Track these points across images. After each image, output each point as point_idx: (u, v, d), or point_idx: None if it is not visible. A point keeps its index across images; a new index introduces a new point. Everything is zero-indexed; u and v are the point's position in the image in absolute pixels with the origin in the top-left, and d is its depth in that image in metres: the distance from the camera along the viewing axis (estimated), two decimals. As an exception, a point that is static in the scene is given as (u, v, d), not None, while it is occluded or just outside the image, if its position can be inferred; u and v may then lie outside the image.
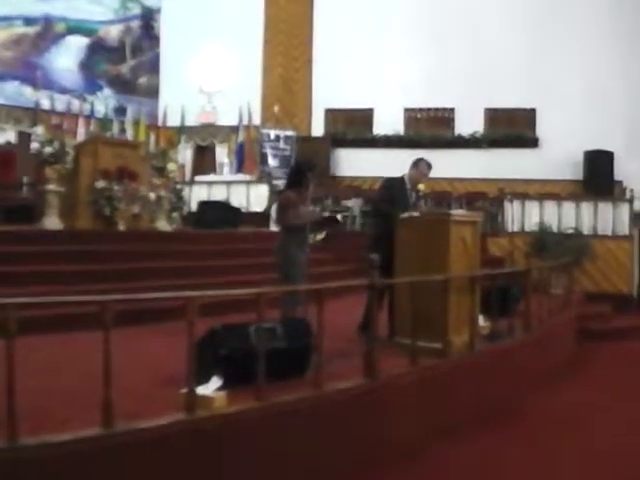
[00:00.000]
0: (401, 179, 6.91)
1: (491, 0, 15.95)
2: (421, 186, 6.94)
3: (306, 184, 6.57)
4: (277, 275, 6.48)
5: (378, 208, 6.92)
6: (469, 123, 16.32)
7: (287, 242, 6.45)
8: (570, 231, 12.51)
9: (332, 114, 17.34)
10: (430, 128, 16.70)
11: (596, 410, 6.57)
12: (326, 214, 12.69)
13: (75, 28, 16.35)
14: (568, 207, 13.06)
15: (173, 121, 17.41)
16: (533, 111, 16.15)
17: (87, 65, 16.63)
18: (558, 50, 15.69)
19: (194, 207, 12.92)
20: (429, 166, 6.98)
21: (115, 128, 16.49)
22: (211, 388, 4.12)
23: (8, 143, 13.60)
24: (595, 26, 15.55)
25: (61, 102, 15.70)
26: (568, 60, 15.64)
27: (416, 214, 6.55)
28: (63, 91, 15.89)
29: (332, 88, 16.71)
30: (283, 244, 6.48)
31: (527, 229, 12.88)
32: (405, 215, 6.44)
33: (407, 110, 16.80)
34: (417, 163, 6.98)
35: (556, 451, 5.25)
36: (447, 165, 15.70)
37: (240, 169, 16.34)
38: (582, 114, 15.27)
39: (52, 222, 9.22)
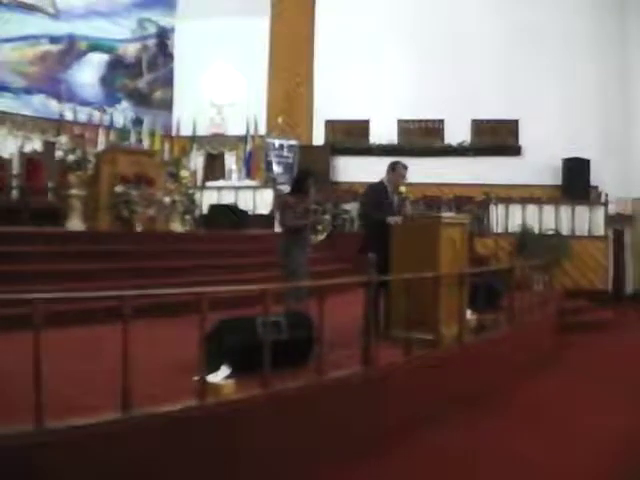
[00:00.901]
0: (381, 184, 6.77)
1: (476, 22, 15.91)
2: (402, 188, 6.82)
3: (306, 189, 6.61)
4: (281, 273, 6.49)
5: (370, 215, 6.74)
6: (457, 133, 16.28)
7: (288, 242, 6.47)
8: (550, 232, 12.51)
9: (332, 125, 17.30)
10: (421, 138, 16.66)
11: (576, 395, 6.58)
12: (326, 217, 12.72)
13: (96, 46, 16.32)
14: (548, 210, 13.08)
15: (186, 131, 17.37)
16: (515, 122, 16.11)
17: (107, 80, 16.60)
18: (538, 66, 15.65)
19: (205, 210, 12.92)
20: (405, 168, 6.82)
21: (132, 138, 16.43)
22: (220, 376, 4.12)
23: (35, 151, 13.57)
24: (571, 43, 15.53)
25: (83, 114, 15.65)
26: (547, 75, 15.61)
27: (402, 218, 6.53)
28: (85, 104, 15.85)
29: (331, 101, 16.70)
30: (284, 244, 6.50)
31: (510, 230, 12.88)
32: (394, 219, 6.42)
33: (400, 121, 16.77)
34: (394, 167, 6.79)
35: (538, 434, 5.25)
36: (437, 172, 15.81)
37: (247, 175, 16.33)
38: (561, 124, 15.25)
39: (75, 224, 9.23)
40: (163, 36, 17.91)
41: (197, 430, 3.71)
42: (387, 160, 7.29)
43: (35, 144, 14.36)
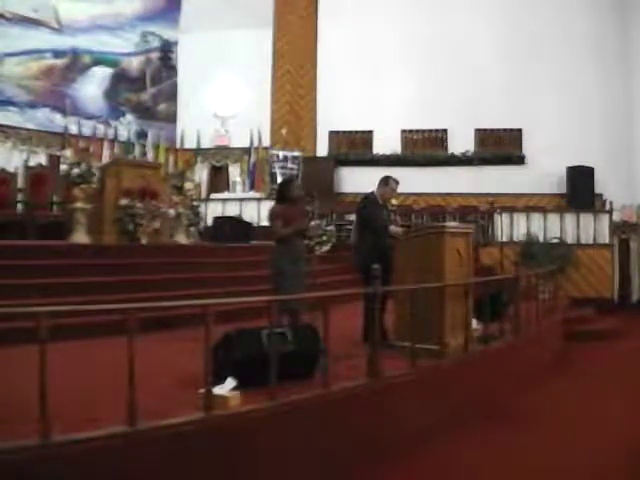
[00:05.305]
0: (373, 195, 6.86)
1: (479, 32, 15.98)
2: (394, 201, 6.87)
3: (291, 196, 6.57)
4: (271, 286, 6.41)
5: (376, 224, 6.73)
6: (461, 143, 16.29)
7: (277, 254, 6.40)
8: (555, 241, 12.50)
9: (335, 136, 17.33)
10: (425, 148, 16.68)
11: (582, 405, 6.55)
12: (330, 227, 12.71)
13: (100, 60, 16.39)
14: (553, 219, 13.06)
15: (190, 144, 17.46)
16: (519, 131, 16.13)
17: (111, 93, 16.66)
18: (540, 74, 15.71)
19: (210, 222, 12.94)
20: (397, 183, 6.93)
21: (137, 151, 16.50)
22: (226, 388, 4.11)
23: (40, 165, 13.61)
24: (573, 50, 15.60)
25: (87, 127, 15.72)
26: (549, 83, 15.66)
27: (399, 229, 6.62)
28: (89, 117, 15.91)
29: (335, 112, 16.76)
30: (273, 256, 6.44)
31: (515, 239, 12.87)
32: (396, 228, 6.52)
33: (404, 131, 16.81)
34: (387, 181, 6.87)
35: (542, 443, 5.23)
36: (441, 182, 15.87)
37: (251, 187, 16.38)
38: (564, 133, 15.28)
39: (80, 237, 9.25)
40: (166, 49, 17.98)
41: (203, 442, 3.70)
42: (391, 170, 7.33)
43: (40, 158, 14.42)
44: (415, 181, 14.65)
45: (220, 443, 3.80)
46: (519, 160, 16.02)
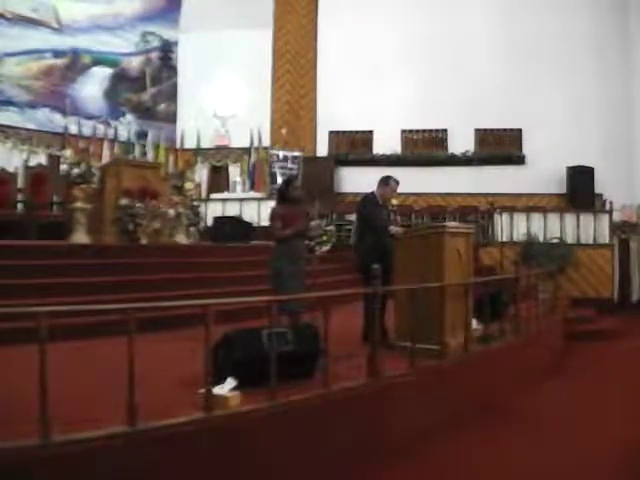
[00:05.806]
0: (373, 195, 6.86)
1: (479, 32, 15.98)
2: (394, 201, 6.88)
3: (291, 197, 6.62)
4: (270, 286, 6.44)
5: (376, 224, 6.74)
6: (461, 143, 16.28)
7: (277, 254, 6.43)
8: (555, 241, 12.50)
9: (335, 136, 17.32)
10: (425, 148, 16.67)
11: (581, 405, 6.55)
12: (330, 227, 12.70)
13: (100, 60, 16.39)
14: (553, 219, 13.07)
15: (190, 144, 17.45)
16: (519, 131, 16.12)
17: (111, 93, 16.65)
18: (540, 74, 15.69)
19: (210, 222, 12.94)
20: (397, 183, 6.93)
21: (137, 151, 16.49)
22: (226, 388, 4.12)
23: (40, 165, 13.61)
24: (572, 50, 15.58)
25: (87, 127, 15.71)
26: (549, 83, 15.65)
27: (399, 229, 6.64)
28: (89, 117, 15.90)
29: (335, 112, 16.75)
30: (272, 257, 6.47)
31: (515, 239, 12.87)
32: (395, 228, 6.53)
33: (404, 132, 16.79)
34: (387, 181, 6.88)
35: (542, 444, 5.23)
36: (441, 182, 15.87)
37: (252, 187, 16.37)
38: (564, 133, 15.27)
39: (80, 237, 9.25)
40: (166, 49, 17.98)
41: (203, 442, 3.70)
42: (391, 170, 7.33)
43: (40, 158, 14.41)
44: (415, 181, 14.64)
45: (220, 443, 3.80)
46: (519, 160, 16.01)
